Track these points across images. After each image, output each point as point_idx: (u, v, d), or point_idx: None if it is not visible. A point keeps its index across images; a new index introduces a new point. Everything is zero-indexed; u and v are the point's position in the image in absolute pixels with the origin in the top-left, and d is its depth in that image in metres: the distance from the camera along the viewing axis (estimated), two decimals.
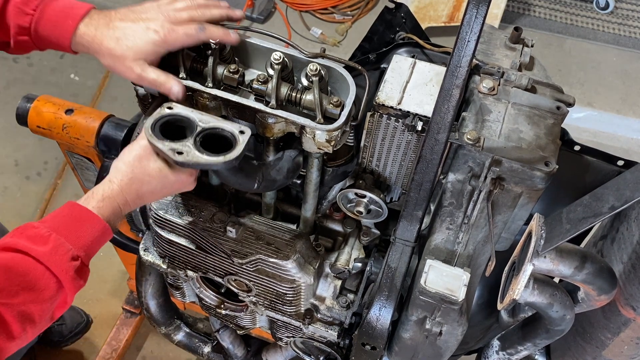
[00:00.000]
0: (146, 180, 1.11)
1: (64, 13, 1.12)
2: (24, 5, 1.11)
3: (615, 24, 3.95)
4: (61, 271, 1.01)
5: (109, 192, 1.09)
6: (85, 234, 1.06)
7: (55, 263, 1.00)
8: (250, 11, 3.79)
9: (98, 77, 3.50)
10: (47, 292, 1.00)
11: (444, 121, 1.08)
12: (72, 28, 1.12)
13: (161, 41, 1.10)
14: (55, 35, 1.13)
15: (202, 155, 1.06)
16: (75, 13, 1.12)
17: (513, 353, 1.36)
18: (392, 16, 1.48)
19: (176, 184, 1.14)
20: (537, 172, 1.09)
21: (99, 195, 1.09)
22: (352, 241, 1.48)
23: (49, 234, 1.02)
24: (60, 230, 1.03)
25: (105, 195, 1.09)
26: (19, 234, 1.03)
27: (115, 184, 1.10)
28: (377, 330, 1.27)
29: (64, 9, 1.13)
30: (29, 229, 1.04)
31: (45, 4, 1.12)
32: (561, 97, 1.21)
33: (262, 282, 1.41)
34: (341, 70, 1.16)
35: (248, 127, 1.13)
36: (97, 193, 1.10)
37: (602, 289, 1.09)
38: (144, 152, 1.10)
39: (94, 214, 1.07)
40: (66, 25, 1.12)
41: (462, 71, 1.04)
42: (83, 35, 1.12)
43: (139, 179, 1.11)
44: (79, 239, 1.05)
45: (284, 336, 1.63)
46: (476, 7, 0.98)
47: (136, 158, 1.10)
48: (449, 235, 1.24)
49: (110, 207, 1.09)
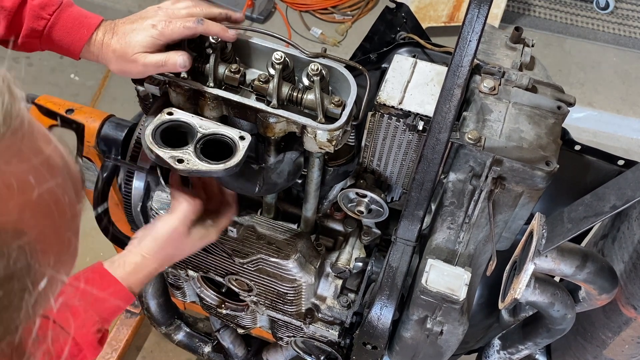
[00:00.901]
0: (177, 255, 1.23)
1: (79, 21, 1.14)
2: (41, 10, 1.12)
3: (615, 24, 3.95)
4: (86, 342, 1.05)
5: (141, 266, 1.16)
6: (111, 305, 1.11)
7: (83, 336, 1.05)
8: (250, 11, 3.79)
9: (98, 77, 3.49)
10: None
11: (445, 121, 1.08)
12: (86, 37, 1.14)
13: (159, 33, 1.12)
14: (67, 42, 1.14)
15: (203, 164, 1.07)
16: (90, 22, 1.15)
17: (514, 352, 1.36)
18: (393, 16, 1.48)
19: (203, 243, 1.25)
20: (538, 171, 1.09)
21: (130, 267, 1.15)
22: (353, 241, 1.48)
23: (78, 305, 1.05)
24: (90, 302, 1.08)
25: (137, 269, 1.16)
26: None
27: (149, 259, 1.17)
28: (378, 330, 1.27)
29: (79, 17, 1.15)
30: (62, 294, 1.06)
31: (62, 9, 1.14)
32: (562, 96, 1.21)
33: (263, 281, 1.41)
34: (342, 70, 1.16)
35: (248, 130, 1.13)
36: (128, 264, 1.15)
37: (603, 288, 1.09)
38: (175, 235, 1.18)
39: (122, 286, 1.12)
40: (80, 34, 1.14)
41: (463, 71, 1.04)
42: (94, 44, 1.15)
43: (171, 254, 1.21)
44: (106, 310, 1.10)
45: (284, 336, 1.63)
46: (478, 7, 0.99)
47: (169, 240, 1.18)
48: (450, 235, 1.24)
49: (138, 278, 1.16)
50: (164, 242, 1.18)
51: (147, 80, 1.18)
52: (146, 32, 1.12)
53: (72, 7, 1.16)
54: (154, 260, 1.18)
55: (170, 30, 1.12)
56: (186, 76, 1.15)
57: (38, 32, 1.13)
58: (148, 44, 1.12)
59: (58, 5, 1.13)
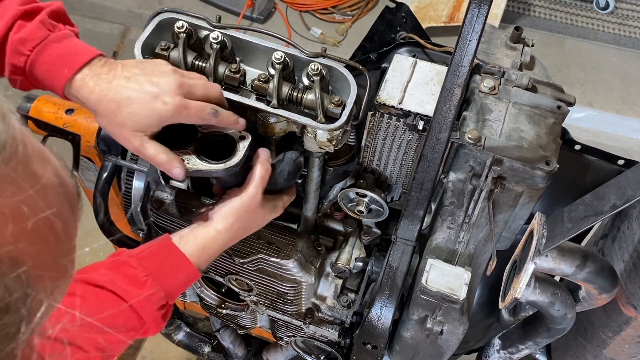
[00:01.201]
0: (250, 227, 1.18)
1: (61, 58, 0.99)
2: (20, 45, 0.97)
3: (615, 24, 3.95)
4: (150, 317, 1.02)
5: (212, 241, 1.11)
6: (178, 281, 1.06)
7: (147, 310, 1.01)
8: (250, 11, 3.79)
9: None
10: (131, 333, 1.02)
11: (445, 120, 1.08)
12: (66, 77, 0.98)
13: (168, 116, 0.99)
14: (49, 81, 1.00)
15: (203, 163, 1.08)
16: (74, 60, 0.99)
17: (514, 352, 1.36)
18: (392, 16, 1.48)
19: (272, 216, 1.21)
20: (538, 171, 1.09)
21: (201, 242, 1.10)
22: (353, 240, 1.48)
23: (145, 278, 1.02)
24: (156, 275, 1.03)
25: (208, 245, 1.10)
26: (115, 268, 1.03)
27: (221, 232, 1.11)
28: (378, 330, 1.27)
29: (63, 54, 0.99)
30: (125, 266, 1.03)
31: (45, 45, 0.99)
32: (562, 96, 1.22)
33: (263, 281, 1.41)
34: (342, 70, 1.16)
35: (248, 130, 1.13)
36: (198, 238, 1.10)
37: (603, 287, 1.09)
38: (251, 204, 1.13)
39: (190, 262, 1.07)
40: (60, 74, 0.98)
41: (463, 70, 1.04)
42: (79, 88, 0.99)
43: (245, 226, 1.16)
44: (172, 285, 1.05)
45: (284, 335, 1.63)
46: (478, 7, 0.99)
47: (244, 209, 1.13)
48: (450, 235, 1.25)
49: (208, 254, 1.11)
50: (240, 212, 1.12)
51: None
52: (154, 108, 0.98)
53: (62, 41, 1.00)
54: (227, 233, 1.12)
55: (182, 117, 1.00)
56: None
57: (20, 69, 0.99)
58: (152, 124, 0.99)
59: (40, 41, 0.98)
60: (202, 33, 1.19)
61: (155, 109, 0.98)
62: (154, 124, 0.99)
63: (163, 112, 0.98)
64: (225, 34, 1.17)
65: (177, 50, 1.14)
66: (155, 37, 1.17)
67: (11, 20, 0.99)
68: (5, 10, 1.00)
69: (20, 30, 0.98)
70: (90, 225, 2.99)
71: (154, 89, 0.98)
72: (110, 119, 1.00)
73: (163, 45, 1.15)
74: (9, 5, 1.00)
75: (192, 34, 1.16)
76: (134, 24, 3.76)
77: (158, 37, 1.17)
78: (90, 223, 2.70)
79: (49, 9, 1.02)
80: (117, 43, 3.68)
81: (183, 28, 1.13)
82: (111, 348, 0.98)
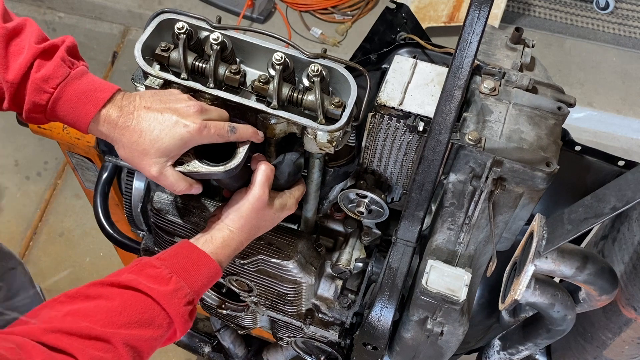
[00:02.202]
0: (262, 226, 1.20)
1: (85, 95, 1.02)
2: (43, 83, 1.00)
3: (615, 24, 3.95)
4: (177, 314, 1.02)
5: (229, 240, 1.14)
6: (201, 277, 1.08)
7: (173, 306, 1.01)
8: (250, 11, 3.79)
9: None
10: (159, 331, 1.01)
11: (445, 122, 1.08)
12: (92, 113, 1.02)
13: (190, 138, 1.03)
14: (72, 117, 1.03)
15: (203, 165, 1.08)
16: (98, 97, 1.02)
17: (514, 353, 1.36)
18: (393, 16, 1.48)
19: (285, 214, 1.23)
20: (539, 172, 1.09)
21: (218, 242, 1.13)
22: (353, 241, 1.48)
23: (170, 275, 1.03)
24: (180, 273, 1.04)
25: (225, 244, 1.14)
26: (139, 270, 1.03)
27: (235, 233, 1.15)
28: (378, 331, 1.27)
29: (87, 91, 1.03)
30: (148, 267, 1.04)
31: (68, 82, 1.02)
32: (562, 97, 1.22)
33: (263, 282, 1.41)
34: (342, 71, 1.16)
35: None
36: (215, 238, 1.13)
37: (603, 289, 1.09)
38: (258, 204, 1.15)
39: (211, 259, 1.10)
40: (86, 110, 1.02)
41: (464, 72, 1.04)
42: (103, 122, 1.03)
43: (256, 226, 1.18)
44: (196, 282, 1.06)
45: (285, 336, 1.63)
46: (478, 9, 0.99)
47: (252, 210, 1.15)
48: (450, 236, 1.25)
49: (227, 253, 1.14)
50: (249, 213, 1.15)
51: (147, 82, 1.18)
52: (175, 133, 1.02)
53: (82, 78, 1.04)
54: (241, 233, 1.15)
55: (202, 137, 1.04)
56: (186, 77, 1.15)
57: (41, 106, 1.02)
58: (174, 149, 1.03)
59: (63, 78, 1.01)
60: (202, 34, 1.19)
61: (177, 133, 1.02)
62: (177, 147, 1.04)
63: (185, 135, 1.03)
64: (226, 34, 1.17)
65: (177, 51, 1.14)
66: (156, 38, 1.17)
67: (31, 59, 1.01)
68: (23, 49, 1.02)
69: (41, 68, 1.01)
70: (90, 225, 2.98)
71: (174, 114, 1.03)
72: (133, 149, 1.04)
73: (163, 46, 1.15)
74: (25, 44, 1.03)
75: (193, 35, 1.16)
76: (134, 24, 3.76)
77: (158, 38, 1.17)
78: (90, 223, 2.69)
79: (65, 45, 1.06)
80: (117, 43, 3.68)
81: (183, 29, 1.13)
82: (140, 346, 0.97)
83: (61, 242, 2.94)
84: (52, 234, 2.97)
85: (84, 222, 2.95)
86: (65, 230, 2.96)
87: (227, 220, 1.15)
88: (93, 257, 2.88)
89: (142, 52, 1.15)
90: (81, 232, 2.94)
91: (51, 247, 2.93)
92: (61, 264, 2.87)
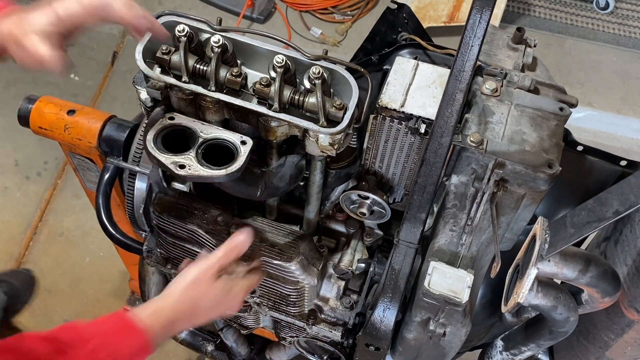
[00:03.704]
0: (199, 301, 1.14)
1: None
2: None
3: (615, 24, 3.95)
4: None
5: (163, 305, 1.12)
6: (124, 346, 1.06)
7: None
8: (250, 11, 3.78)
9: (98, 77, 3.49)
10: None
11: (447, 125, 1.08)
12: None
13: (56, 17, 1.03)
14: None
15: (204, 169, 1.08)
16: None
17: (517, 353, 1.36)
18: (394, 17, 1.48)
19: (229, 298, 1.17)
20: (541, 174, 1.09)
21: (151, 308, 1.11)
22: (355, 242, 1.48)
23: (90, 337, 1.03)
24: (102, 336, 1.04)
25: (157, 309, 1.11)
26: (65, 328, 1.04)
27: (170, 299, 1.12)
28: (381, 332, 1.27)
29: None
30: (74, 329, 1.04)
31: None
32: (564, 98, 1.21)
33: (265, 283, 1.41)
34: (344, 73, 1.16)
35: (250, 133, 1.13)
36: (150, 304, 1.12)
37: (605, 291, 1.09)
38: (203, 274, 1.13)
39: (139, 328, 1.07)
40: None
41: (465, 75, 1.04)
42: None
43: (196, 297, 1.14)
44: (117, 351, 1.05)
45: (287, 336, 1.63)
46: (480, 12, 0.99)
47: (195, 277, 1.13)
48: (453, 237, 1.24)
49: (160, 321, 1.10)
50: (193, 280, 1.13)
51: (149, 85, 1.18)
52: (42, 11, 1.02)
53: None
54: (175, 302, 1.12)
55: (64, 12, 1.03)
56: (187, 80, 1.15)
57: None
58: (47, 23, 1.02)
59: None
60: (203, 36, 1.18)
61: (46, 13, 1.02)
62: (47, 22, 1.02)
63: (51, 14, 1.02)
64: (227, 37, 1.16)
65: (178, 54, 1.14)
66: (156, 41, 1.17)
67: None
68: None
69: None
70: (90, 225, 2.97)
71: None
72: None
73: (164, 49, 1.15)
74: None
75: (193, 38, 1.16)
76: None
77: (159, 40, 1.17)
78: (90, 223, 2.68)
79: None
80: (117, 43, 3.67)
81: (184, 32, 1.13)
82: None
83: (61, 242, 2.94)
84: (52, 234, 2.97)
85: (84, 222, 2.95)
86: (65, 230, 2.96)
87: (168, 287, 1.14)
88: (93, 257, 2.88)
89: (143, 55, 1.14)
90: (81, 232, 2.93)
91: (51, 247, 2.93)
92: (61, 264, 2.87)
